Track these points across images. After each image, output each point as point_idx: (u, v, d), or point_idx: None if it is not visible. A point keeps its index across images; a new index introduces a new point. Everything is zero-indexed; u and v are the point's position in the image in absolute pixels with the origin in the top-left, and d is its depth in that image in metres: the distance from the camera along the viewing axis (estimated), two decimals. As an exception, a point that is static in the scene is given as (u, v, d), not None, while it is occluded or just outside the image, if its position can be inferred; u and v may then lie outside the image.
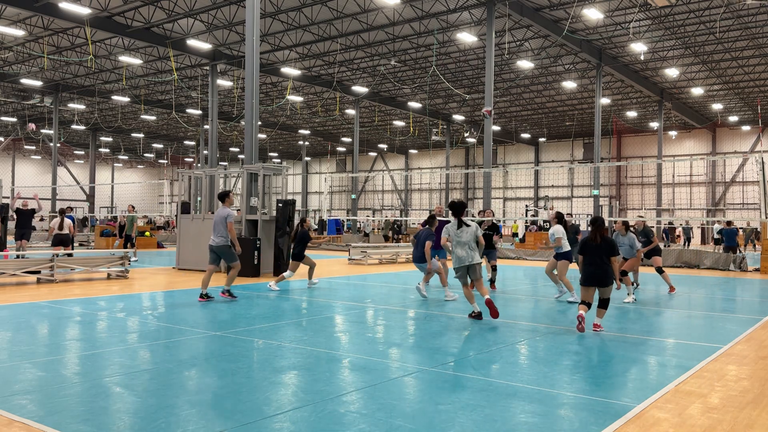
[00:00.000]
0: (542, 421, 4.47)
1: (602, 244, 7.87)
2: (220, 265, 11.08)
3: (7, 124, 50.66)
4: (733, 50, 29.25)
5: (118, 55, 30.52)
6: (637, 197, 50.20)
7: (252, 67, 16.37)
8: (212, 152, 31.35)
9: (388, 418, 4.45)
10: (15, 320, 8.26)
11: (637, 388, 5.42)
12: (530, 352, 6.82)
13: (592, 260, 7.86)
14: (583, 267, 7.95)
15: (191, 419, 4.35)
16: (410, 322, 8.75)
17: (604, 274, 7.80)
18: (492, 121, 23.77)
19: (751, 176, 45.04)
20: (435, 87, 37.42)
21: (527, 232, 33.07)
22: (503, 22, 25.65)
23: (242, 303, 10.29)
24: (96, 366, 5.83)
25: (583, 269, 7.95)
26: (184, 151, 65.89)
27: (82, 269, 13.81)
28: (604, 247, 7.86)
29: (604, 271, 7.80)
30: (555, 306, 10.64)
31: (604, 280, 7.80)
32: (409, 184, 63.77)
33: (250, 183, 16.39)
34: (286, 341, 7.14)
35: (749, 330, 8.44)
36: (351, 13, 25.38)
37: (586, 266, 7.91)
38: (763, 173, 17.20)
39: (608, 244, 7.90)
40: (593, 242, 7.89)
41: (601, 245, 7.86)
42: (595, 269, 7.83)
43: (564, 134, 53.44)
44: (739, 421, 4.58)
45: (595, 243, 7.88)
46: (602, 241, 7.88)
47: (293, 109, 44.62)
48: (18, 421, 4.26)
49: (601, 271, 7.80)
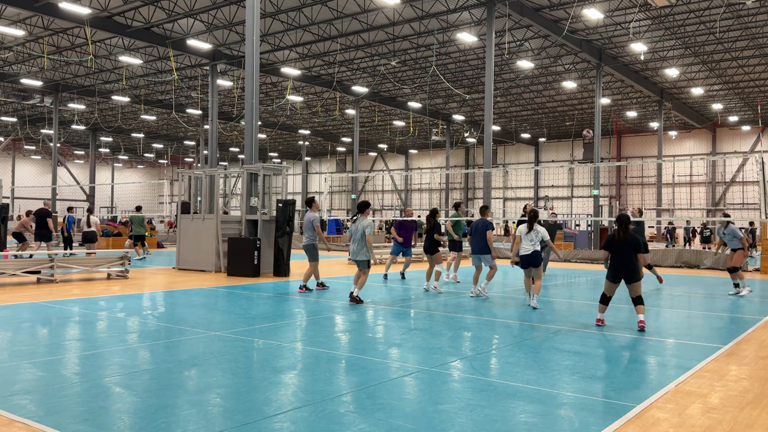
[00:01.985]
0: (542, 421, 4.47)
1: (629, 240, 8.08)
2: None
3: (7, 124, 50.66)
4: (733, 50, 29.24)
5: (118, 55, 30.51)
6: (637, 197, 50.18)
7: (252, 67, 16.36)
8: (212, 152, 31.36)
9: (388, 418, 4.45)
10: (15, 320, 8.26)
11: (637, 388, 5.42)
12: (530, 352, 6.82)
13: (620, 257, 8.10)
14: (611, 263, 8.20)
15: (191, 419, 4.35)
16: (410, 322, 8.75)
17: (633, 270, 8.05)
18: (590, 137, 23.87)
19: (751, 176, 45.04)
20: (435, 87, 37.41)
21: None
22: (503, 22, 25.63)
23: (242, 303, 10.30)
24: (96, 366, 5.83)
25: (610, 266, 8.21)
26: (184, 151, 65.87)
27: (82, 269, 13.81)
28: (631, 244, 8.08)
29: (632, 267, 8.05)
30: (555, 306, 10.64)
31: (632, 275, 8.06)
32: (409, 184, 63.76)
33: (250, 183, 16.39)
34: (286, 341, 7.14)
35: (749, 330, 8.44)
36: (351, 13, 25.37)
37: (614, 263, 8.16)
38: (763, 173, 17.15)
39: (634, 240, 8.12)
40: (619, 239, 8.11)
41: (627, 241, 8.08)
42: (621, 266, 8.09)
43: (564, 134, 53.43)
44: (739, 421, 4.58)
45: (622, 239, 8.10)
46: (628, 237, 8.09)
47: (293, 109, 44.61)
48: (18, 421, 4.26)
49: (628, 267, 8.06)
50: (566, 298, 11.87)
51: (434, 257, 12.42)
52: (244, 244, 15.00)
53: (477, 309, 10.06)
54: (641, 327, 8.07)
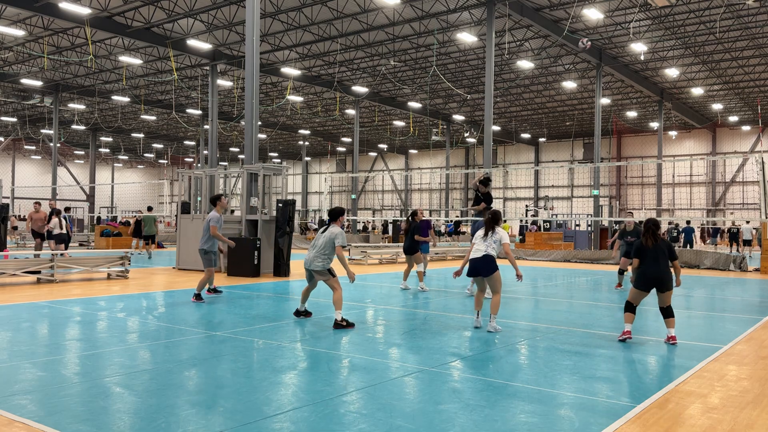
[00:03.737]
0: (542, 421, 4.47)
1: (660, 246, 7.39)
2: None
3: (7, 124, 50.65)
4: (733, 50, 29.24)
5: (118, 55, 30.51)
6: (637, 197, 50.19)
7: (252, 67, 16.36)
8: (212, 152, 31.36)
9: (388, 418, 4.45)
10: (15, 320, 8.26)
11: (637, 388, 5.42)
12: (530, 352, 6.82)
13: (652, 265, 7.34)
14: (641, 271, 7.43)
15: (191, 419, 4.35)
16: (410, 322, 8.74)
17: (667, 278, 7.32)
18: (587, 45, 23.05)
19: (751, 176, 45.04)
20: (435, 87, 37.41)
21: (527, 232, 33.08)
22: (503, 22, 25.63)
23: (242, 303, 10.29)
24: (96, 366, 5.83)
25: (641, 273, 7.42)
26: (184, 151, 65.87)
27: (82, 269, 13.81)
28: (663, 250, 7.39)
29: (665, 275, 7.32)
30: (555, 306, 10.64)
31: (666, 284, 7.32)
32: (409, 184, 63.76)
33: (250, 183, 16.39)
34: (286, 341, 7.14)
35: (749, 330, 8.44)
36: (351, 13, 25.36)
37: (645, 270, 7.38)
38: (763, 173, 17.19)
39: (667, 246, 7.45)
40: (648, 246, 7.40)
41: (659, 247, 7.37)
42: (654, 274, 7.32)
43: (564, 134, 53.43)
44: (739, 421, 4.58)
45: (652, 246, 7.38)
46: (659, 243, 7.40)
47: (293, 109, 44.60)
48: (18, 421, 4.26)
49: (662, 275, 7.31)
50: (566, 298, 11.87)
51: (414, 257, 12.65)
52: (244, 244, 15.00)
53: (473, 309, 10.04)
54: (673, 342, 7.32)
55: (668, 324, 7.40)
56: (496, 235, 7.98)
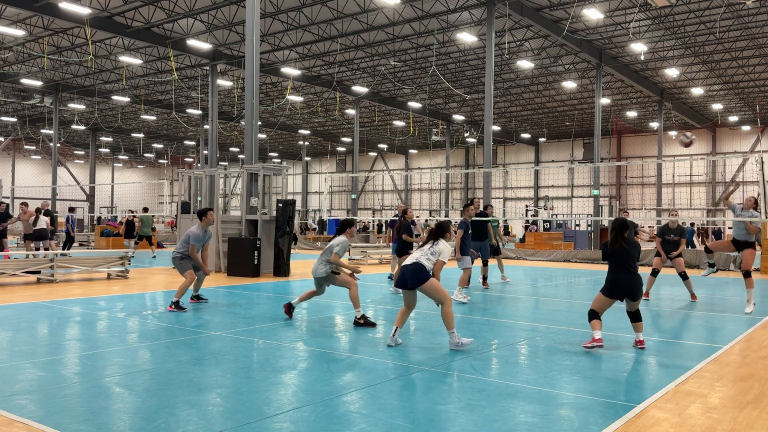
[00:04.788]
0: (542, 421, 4.47)
1: (629, 249, 6.90)
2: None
3: (7, 124, 50.65)
4: (733, 50, 29.24)
5: (118, 55, 30.51)
6: (637, 197, 50.18)
7: (252, 67, 16.36)
8: (212, 152, 31.36)
9: (388, 418, 4.45)
10: (15, 320, 8.26)
11: (637, 388, 5.42)
12: (530, 352, 6.82)
13: (622, 270, 6.89)
14: (610, 277, 7.01)
15: (191, 419, 4.35)
16: (410, 322, 8.74)
17: (637, 286, 6.90)
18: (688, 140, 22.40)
19: (751, 176, 45.01)
20: (435, 87, 37.40)
21: (527, 232, 33.08)
22: (503, 22, 25.63)
23: (242, 303, 10.29)
24: (96, 366, 5.83)
25: (610, 279, 7.00)
26: (184, 151, 65.86)
27: (82, 269, 13.82)
28: (633, 254, 6.91)
29: (635, 283, 6.88)
30: (555, 306, 10.64)
31: (636, 293, 6.91)
32: (409, 184, 63.75)
33: (250, 183, 16.39)
34: (286, 341, 7.14)
35: (749, 330, 8.44)
36: (351, 13, 25.36)
37: (614, 276, 6.94)
38: (763, 173, 17.16)
39: (637, 249, 6.96)
40: (614, 249, 6.94)
41: (627, 251, 6.89)
42: (623, 281, 6.88)
43: (564, 134, 53.42)
44: (739, 421, 4.58)
45: (618, 249, 6.91)
46: (628, 246, 6.90)
47: (293, 109, 44.59)
48: (18, 421, 4.26)
49: (632, 283, 6.87)
50: (566, 298, 11.88)
51: (401, 260, 11.88)
52: (244, 244, 15.01)
53: (474, 309, 10.06)
54: (641, 347, 7.05)
55: (636, 328, 7.13)
56: (436, 247, 7.05)
